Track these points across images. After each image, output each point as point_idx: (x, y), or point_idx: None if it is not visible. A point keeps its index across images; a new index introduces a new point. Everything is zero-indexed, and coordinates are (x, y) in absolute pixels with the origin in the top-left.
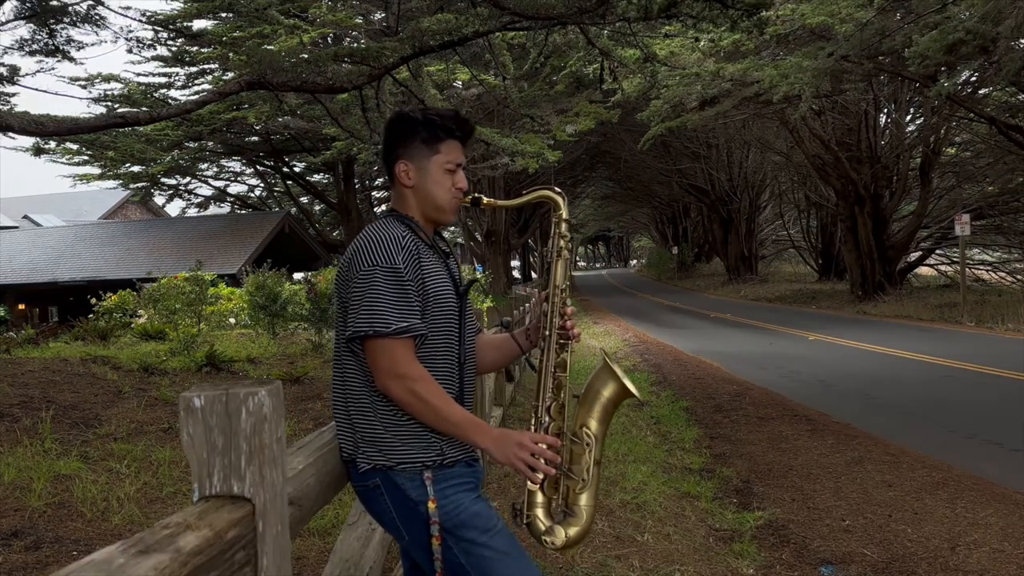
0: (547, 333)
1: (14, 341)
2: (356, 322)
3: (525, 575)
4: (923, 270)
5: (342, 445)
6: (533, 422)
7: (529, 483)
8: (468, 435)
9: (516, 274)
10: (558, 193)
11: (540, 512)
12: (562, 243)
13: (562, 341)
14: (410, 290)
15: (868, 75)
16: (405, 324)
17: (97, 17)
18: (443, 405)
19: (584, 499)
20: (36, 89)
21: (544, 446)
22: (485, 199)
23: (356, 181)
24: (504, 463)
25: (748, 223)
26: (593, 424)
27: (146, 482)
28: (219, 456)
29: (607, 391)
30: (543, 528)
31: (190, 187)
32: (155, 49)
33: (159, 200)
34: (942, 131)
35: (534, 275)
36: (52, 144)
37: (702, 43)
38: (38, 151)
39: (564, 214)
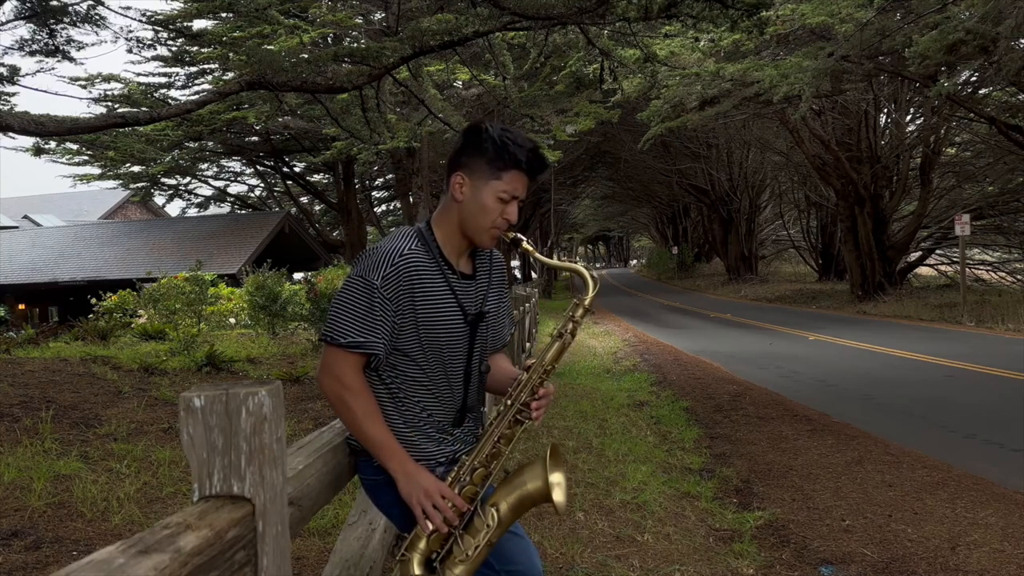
0: (510, 402)
1: (14, 341)
2: (325, 322)
3: (530, 552)
4: (923, 270)
5: (353, 439)
6: (453, 476)
7: (419, 527)
8: (381, 457)
9: (516, 274)
10: (593, 279)
11: (416, 558)
12: (571, 327)
13: (520, 417)
14: (379, 308)
15: (868, 75)
16: (361, 339)
17: (97, 17)
18: (366, 421)
19: (458, 571)
20: (36, 89)
21: (450, 504)
22: (525, 243)
23: (356, 181)
24: (404, 498)
25: (748, 223)
26: (504, 507)
27: (146, 482)
28: (219, 456)
29: (532, 486)
30: (414, 574)
31: (190, 187)
32: (155, 49)
33: (159, 200)
34: (942, 131)
35: (534, 275)
36: (52, 144)
37: (702, 43)
38: (38, 151)
39: (587, 301)
